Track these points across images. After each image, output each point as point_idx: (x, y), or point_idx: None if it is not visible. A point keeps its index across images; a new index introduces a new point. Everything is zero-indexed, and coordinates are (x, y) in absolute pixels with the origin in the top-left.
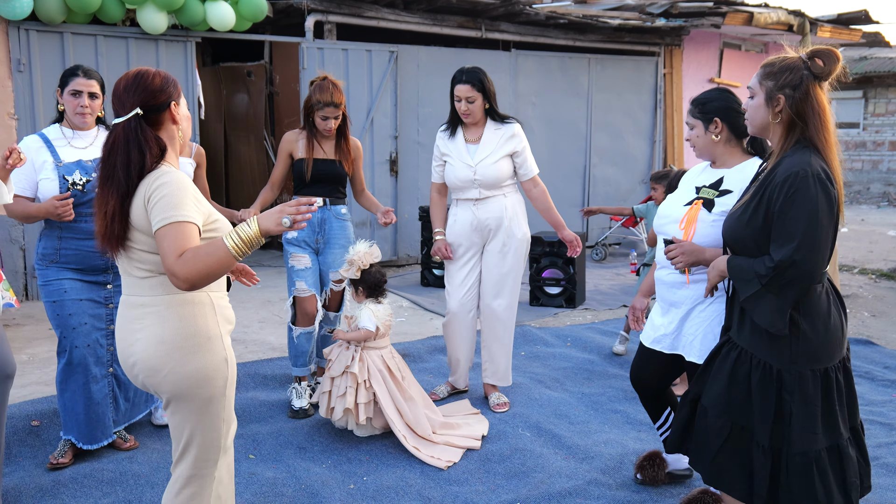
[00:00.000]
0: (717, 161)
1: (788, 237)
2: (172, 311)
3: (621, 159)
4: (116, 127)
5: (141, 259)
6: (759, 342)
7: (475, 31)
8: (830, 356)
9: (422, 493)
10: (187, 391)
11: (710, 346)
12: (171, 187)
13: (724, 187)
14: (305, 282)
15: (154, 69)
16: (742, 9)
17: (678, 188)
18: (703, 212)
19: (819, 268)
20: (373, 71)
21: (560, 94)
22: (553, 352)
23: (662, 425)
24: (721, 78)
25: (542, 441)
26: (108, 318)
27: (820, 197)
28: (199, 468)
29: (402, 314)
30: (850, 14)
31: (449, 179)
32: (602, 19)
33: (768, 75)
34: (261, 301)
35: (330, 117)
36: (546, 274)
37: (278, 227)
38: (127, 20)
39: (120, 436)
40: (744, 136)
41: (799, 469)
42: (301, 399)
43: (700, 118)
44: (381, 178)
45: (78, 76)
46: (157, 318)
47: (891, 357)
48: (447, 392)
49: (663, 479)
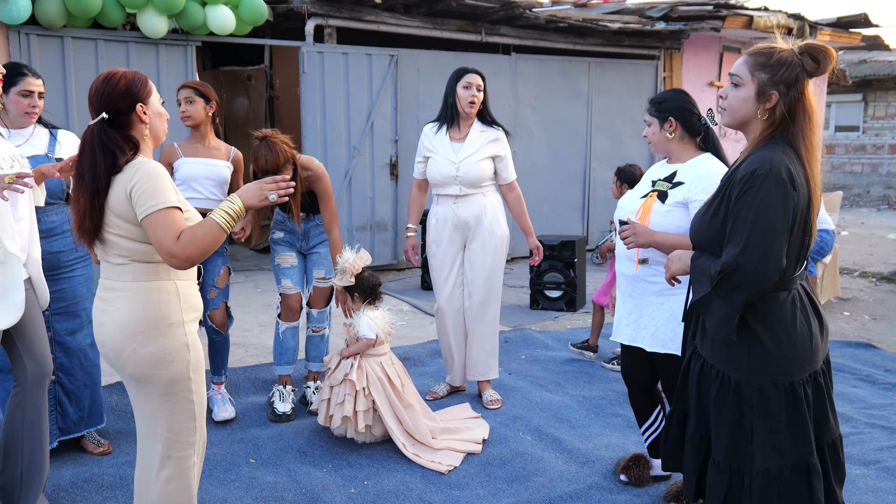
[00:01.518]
0: (672, 157)
1: (736, 239)
2: (139, 297)
3: (621, 163)
4: (87, 130)
5: (118, 246)
6: (717, 352)
7: (475, 35)
8: (798, 369)
9: (423, 498)
10: (147, 373)
11: (668, 337)
12: (150, 177)
13: (676, 179)
14: (291, 280)
15: (122, 71)
16: (742, 12)
17: (639, 182)
18: (657, 203)
19: (768, 273)
20: (373, 75)
21: (560, 97)
22: (554, 355)
23: (650, 427)
24: (721, 81)
25: (542, 445)
26: (47, 325)
27: (774, 198)
28: (173, 450)
29: (403, 318)
30: (850, 17)
31: (431, 175)
32: (602, 23)
33: (762, 67)
34: (261, 305)
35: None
36: (546, 278)
37: (262, 202)
38: (127, 24)
39: (91, 439)
40: (696, 134)
41: (761, 488)
42: (284, 403)
43: (656, 116)
44: (381, 182)
45: (27, 76)
46: (124, 302)
47: (891, 360)
48: (446, 391)
49: (648, 479)
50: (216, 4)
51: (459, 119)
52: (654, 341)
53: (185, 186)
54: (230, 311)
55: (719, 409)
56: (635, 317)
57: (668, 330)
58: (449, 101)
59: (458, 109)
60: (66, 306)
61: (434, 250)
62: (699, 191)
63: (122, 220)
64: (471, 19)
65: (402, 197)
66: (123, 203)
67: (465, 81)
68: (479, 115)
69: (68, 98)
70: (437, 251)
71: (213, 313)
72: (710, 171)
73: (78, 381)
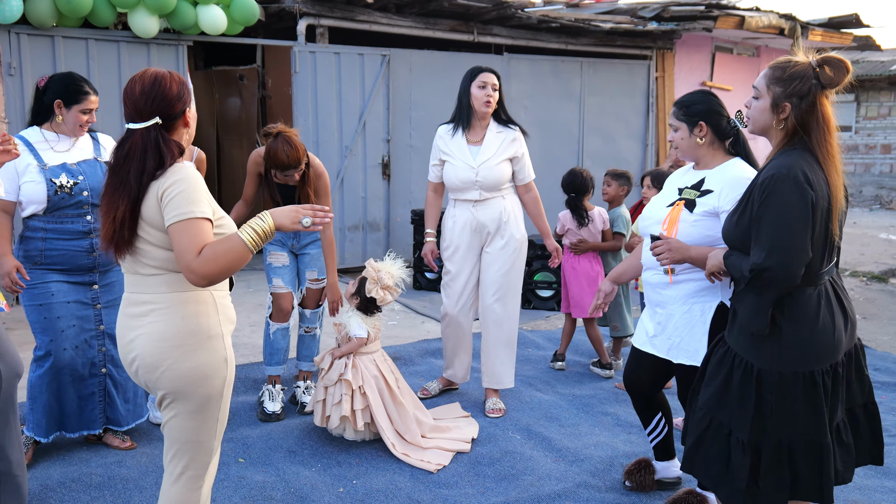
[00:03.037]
0: (700, 162)
1: (762, 242)
2: (176, 310)
3: (613, 162)
4: (133, 134)
5: (149, 255)
6: (743, 341)
7: (467, 35)
8: (817, 360)
9: (411, 497)
10: (184, 389)
11: (695, 347)
12: (186, 183)
13: (705, 188)
14: (282, 279)
15: (167, 72)
16: (733, 13)
17: (663, 190)
18: (684, 212)
19: (794, 269)
20: (365, 74)
21: (552, 97)
22: (544, 355)
23: (653, 431)
24: (713, 81)
25: (532, 444)
26: (97, 318)
27: (792, 198)
28: (193, 467)
29: (394, 317)
30: (842, 18)
31: (449, 179)
32: (594, 23)
33: (777, 80)
34: (252, 305)
35: (291, 174)
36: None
37: (294, 225)
38: (118, 24)
39: (118, 436)
40: (726, 137)
41: (772, 456)
42: (274, 402)
43: (685, 120)
44: (373, 182)
45: (89, 94)
46: (160, 315)
47: (881, 359)
48: (438, 389)
49: (652, 485)
50: (208, 4)
51: (475, 120)
52: (679, 353)
53: None
54: None
55: (743, 393)
56: (661, 328)
57: (692, 341)
58: (463, 101)
59: (474, 110)
60: (116, 299)
61: (450, 254)
62: (729, 200)
63: (153, 228)
64: (463, 19)
65: (394, 197)
66: (154, 208)
67: (479, 81)
68: (495, 114)
69: None
70: (454, 256)
71: None
72: (741, 177)
73: (126, 373)
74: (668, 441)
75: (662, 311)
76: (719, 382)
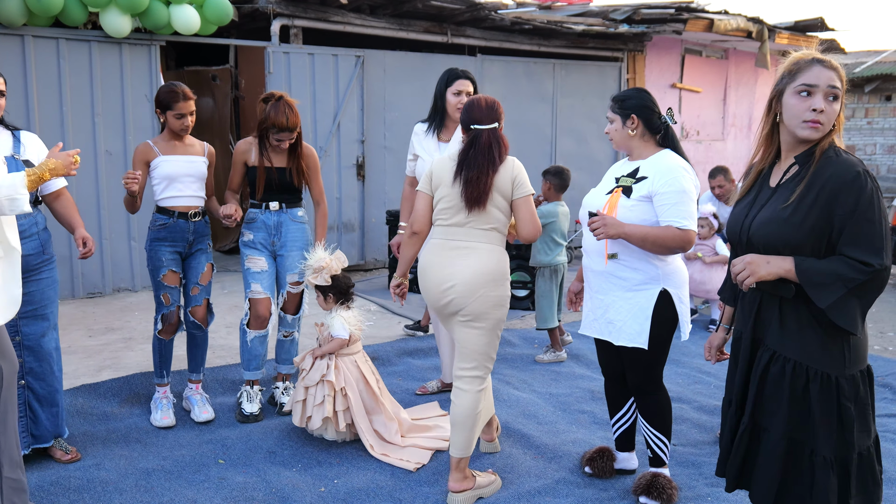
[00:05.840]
0: (634, 153)
1: (874, 242)
2: (493, 255)
3: (586, 163)
4: (482, 132)
5: (492, 215)
6: (812, 351)
7: (441, 37)
8: (867, 354)
9: (392, 495)
10: (489, 311)
11: (636, 329)
12: (524, 171)
13: (640, 175)
14: (261, 284)
15: (484, 97)
16: (703, 16)
17: (602, 181)
18: (622, 198)
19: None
20: (339, 75)
21: (525, 98)
22: (520, 353)
23: (621, 418)
24: (683, 83)
25: (511, 441)
26: (13, 329)
27: (880, 198)
28: (484, 371)
29: (371, 318)
30: (807, 21)
31: (420, 175)
32: (566, 25)
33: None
34: (227, 306)
35: (285, 139)
36: None
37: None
38: (89, 23)
39: (59, 446)
40: (656, 132)
41: (859, 468)
42: (252, 403)
43: (619, 113)
44: (347, 183)
45: None
46: (481, 255)
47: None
48: (437, 388)
49: (612, 472)
50: (180, 4)
51: (448, 121)
52: (620, 335)
53: (166, 185)
54: (212, 307)
55: (824, 408)
56: (602, 311)
57: (635, 324)
58: (438, 104)
59: (448, 113)
60: (34, 309)
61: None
62: (663, 184)
63: (501, 197)
64: (437, 20)
65: (368, 197)
66: (508, 185)
67: (455, 88)
68: None
69: (29, 98)
70: None
71: (195, 309)
72: (672, 165)
73: (50, 386)
74: (631, 432)
75: (603, 297)
76: (790, 401)
